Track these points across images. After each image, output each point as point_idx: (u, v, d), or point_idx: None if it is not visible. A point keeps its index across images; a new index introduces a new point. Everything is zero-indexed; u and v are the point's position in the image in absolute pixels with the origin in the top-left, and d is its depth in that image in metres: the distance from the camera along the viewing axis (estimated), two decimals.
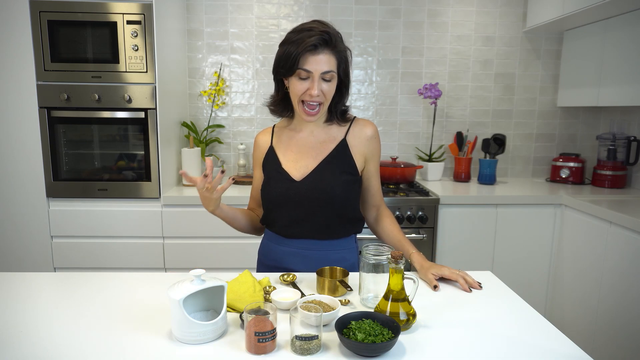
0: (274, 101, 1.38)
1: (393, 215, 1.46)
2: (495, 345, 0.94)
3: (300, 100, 1.26)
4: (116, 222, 2.33)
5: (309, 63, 1.21)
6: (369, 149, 1.37)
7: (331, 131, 1.37)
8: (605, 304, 2.07)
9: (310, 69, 1.21)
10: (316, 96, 1.23)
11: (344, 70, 1.29)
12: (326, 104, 1.28)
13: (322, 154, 1.34)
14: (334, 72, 1.24)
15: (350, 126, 1.38)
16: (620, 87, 2.35)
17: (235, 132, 2.89)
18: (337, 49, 1.25)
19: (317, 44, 1.20)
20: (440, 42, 2.87)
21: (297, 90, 1.24)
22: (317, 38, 1.20)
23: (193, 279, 0.96)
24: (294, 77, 1.25)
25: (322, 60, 1.21)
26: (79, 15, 2.18)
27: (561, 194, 2.43)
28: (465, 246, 2.42)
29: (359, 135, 1.36)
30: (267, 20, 2.79)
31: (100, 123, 2.30)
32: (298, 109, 1.28)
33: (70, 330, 0.99)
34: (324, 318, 0.97)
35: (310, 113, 1.27)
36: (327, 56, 1.22)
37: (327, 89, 1.25)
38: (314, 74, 1.22)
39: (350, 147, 1.35)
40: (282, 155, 1.37)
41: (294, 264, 1.35)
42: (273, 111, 1.39)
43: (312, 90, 1.22)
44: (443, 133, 2.96)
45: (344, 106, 1.38)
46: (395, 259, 0.98)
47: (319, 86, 1.23)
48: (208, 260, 2.36)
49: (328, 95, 1.26)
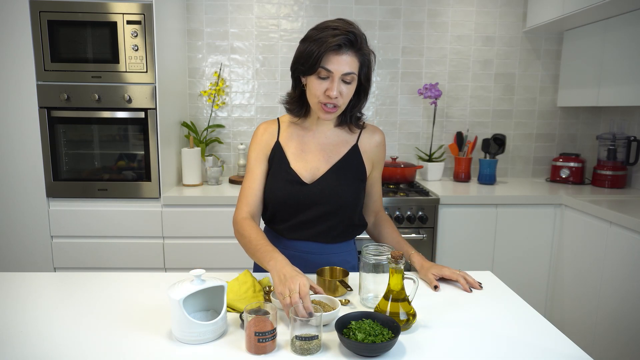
0: (290, 99, 1.32)
1: (391, 220, 1.46)
2: (495, 345, 0.94)
3: (319, 102, 1.21)
4: (116, 222, 2.33)
5: (330, 63, 1.16)
6: (377, 156, 1.37)
7: (343, 134, 1.34)
8: (605, 303, 2.07)
9: (332, 69, 1.16)
10: (334, 98, 1.19)
11: (365, 74, 1.24)
12: (343, 106, 1.24)
13: (333, 157, 1.31)
14: (354, 74, 1.19)
15: (361, 131, 1.35)
16: (620, 87, 2.35)
17: (235, 132, 2.89)
18: (361, 51, 1.20)
19: (342, 44, 1.15)
20: (440, 42, 2.87)
21: (316, 90, 1.20)
22: (342, 38, 1.15)
23: (193, 279, 0.96)
24: (313, 76, 1.19)
25: (344, 61, 1.16)
26: (79, 15, 2.18)
27: (561, 194, 2.43)
28: (465, 246, 2.42)
29: (369, 141, 1.35)
30: (267, 20, 2.79)
31: (100, 123, 2.30)
32: (315, 107, 1.23)
33: (70, 330, 0.99)
34: (324, 318, 0.97)
35: (328, 110, 1.21)
36: (351, 57, 1.17)
37: (346, 91, 1.20)
38: (335, 75, 1.17)
39: (362, 152, 1.33)
40: (290, 153, 1.32)
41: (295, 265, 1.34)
42: (289, 110, 1.34)
43: (331, 92, 1.17)
44: (443, 133, 2.96)
45: (359, 112, 1.33)
46: (395, 259, 0.98)
47: (338, 87, 1.18)
48: (208, 260, 2.36)
49: (346, 97, 1.22)
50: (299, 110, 1.31)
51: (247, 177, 1.33)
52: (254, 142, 1.36)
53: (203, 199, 2.31)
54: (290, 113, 1.34)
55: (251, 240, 1.19)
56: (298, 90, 1.29)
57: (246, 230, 1.22)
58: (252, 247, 1.18)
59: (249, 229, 1.22)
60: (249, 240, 1.20)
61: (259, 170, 1.33)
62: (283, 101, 1.34)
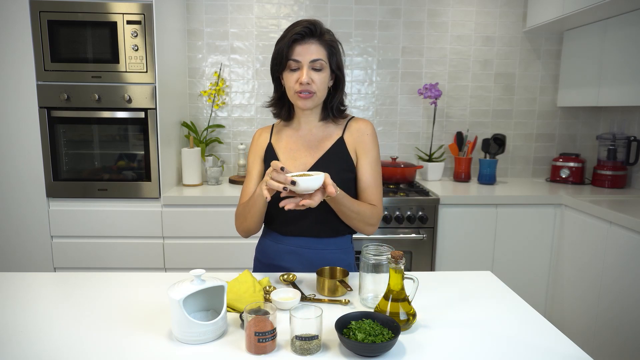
0: (271, 101, 1.41)
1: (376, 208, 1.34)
2: (495, 345, 0.94)
3: (295, 92, 1.28)
4: (116, 222, 2.33)
5: (296, 53, 1.25)
6: (359, 144, 1.36)
7: (328, 129, 1.38)
8: (605, 303, 2.07)
9: (299, 58, 1.25)
10: (306, 84, 1.24)
11: (336, 63, 1.31)
12: (319, 95, 1.29)
13: (319, 151, 1.35)
14: (323, 60, 1.26)
15: (347, 124, 1.38)
16: (620, 87, 2.35)
17: (235, 132, 2.89)
18: (323, 38, 1.27)
19: (303, 32, 1.24)
20: (440, 42, 2.87)
21: (290, 82, 1.27)
22: (302, 28, 1.24)
23: (193, 279, 0.96)
24: (286, 71, 1.28)
25: (308, 50, 1.25)
26: (79, 15, 2.18)
27: (561, 194, 2.43)
28: (465, 246, 2.42)
29: (354, 131, 1.37)
30: (267, 20, 2.79)
31: (100, 123, 2.30)
32: (293, 99, 1.30)
33: (70, 330, 0.99)
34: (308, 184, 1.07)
35: (303, 97, 1.27)
36: (315, 46, 1.25)
37: (318, 78, 1.26)
38: (302, 63, 1.25)
39: (347, 144, 1.36)
40: (280, 152, 1.38)
41: (290, 262, 1.35)
42: (273, 113, 1.42)
43: (302, 78, 1.24)
44: (443, 133, 2.96)
45: (341, 104, 1.38)
46: (395, 259, 0.98)
47: (308, 74, 1.24)
48: (208, 260, 2.36)
49: (320, 84, 1.27)
50: (280, 110, 1.40)
51: (246, 178, 1.43)
52: (251, 145, 1.46)
53: (203, 199, 2.31)
54: (275, 116, 1.43)
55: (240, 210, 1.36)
56: (279, 92, 1.37)
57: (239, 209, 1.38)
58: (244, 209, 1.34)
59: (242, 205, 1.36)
60: (240, 211, 1.36)
61: (255, 171, 1.42)
62: (266, 105, 1.43)
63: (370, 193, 1.35)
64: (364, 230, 1.34)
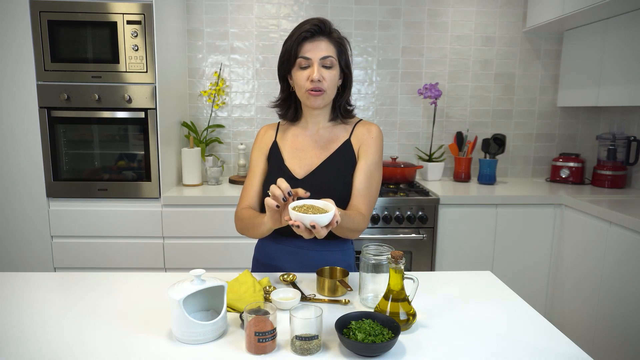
0: (277, 101, 1.39)
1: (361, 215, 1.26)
2: (495, 345, 0.94)
3: (305, 90, 1.27)
4: (116, 222, 2.33)
5: (306, 50, 1.24)
6: (362, 145, 1.34)
7: (336, 130, 1.37)
8: (605, 303, 2.07)
9: (309, 55, 1.24)
10: (317, 81, 1.23)
11: (345, 61, 1.31)
12: (329, 93, 1.28)
13: (325, 152, 1.34)
14: (333, 57, 1.26)
15: (354, 127, 1.38)
16: (620, 87, 2.35)
17: (235, 132, 2.89)
18: (332, 36, 1.27)
19: (313, 30, 1.24)
20: (440, 42, 2.87)
21: (300, 80, 1.26)
22: (311, 25, 1.24)
23: (193, 279, 0.96)
24: (295, 70, 1.27)
25: (319, 47, 1.24)
26: (79, 15, 2.18)
27: (561, 194, 2.43)
28: (465, 246, 2.42)
29: (360, 134, 1.36)
30: (267, 20, 2.79)
31: (100, 123, 2.30)
32: (303, 98, 1.29)
33: (70, 330, 0.99)
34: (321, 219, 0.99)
35: (314, 95, 1.26)
36: (325, 43, 1.25)
37: (328, 75, 1.26)
38: (313, 60, 1.24)
39: (354, 147, 1.35)
40: (285, 151, 1.37)
41: (289, 262, 1.35)
42: (279, 113, 1.40)
43: (313, 74, 1.23)
44: (443, 133, 2.96)
45: (348, 104, 1.38)
46: (395, 259, 0.98)
47: (319, 71, 1.24)
48: (208, 260, 2.36)
49: (330, 82, 1.26)
50: (287, 111, 1.39)
51: (248, 175, 1.41)
52: (255, 143, 1.44)
53: (203, 199, 2.31)
54: (281, 117, 1.41)
55: (244, 219, 1.29)
56: (286, 92, 1.36)
57: (243, 214, 1.31)
58: (247, 223, 1.27)
59: (245, 213, 1.31)
60: (244, 219, 1.29)
61: (258, 168, 1.39)
62: (272, 105, 1.41)
63: (360, 200, 1.28)
64: (347, 237, 1.29)
